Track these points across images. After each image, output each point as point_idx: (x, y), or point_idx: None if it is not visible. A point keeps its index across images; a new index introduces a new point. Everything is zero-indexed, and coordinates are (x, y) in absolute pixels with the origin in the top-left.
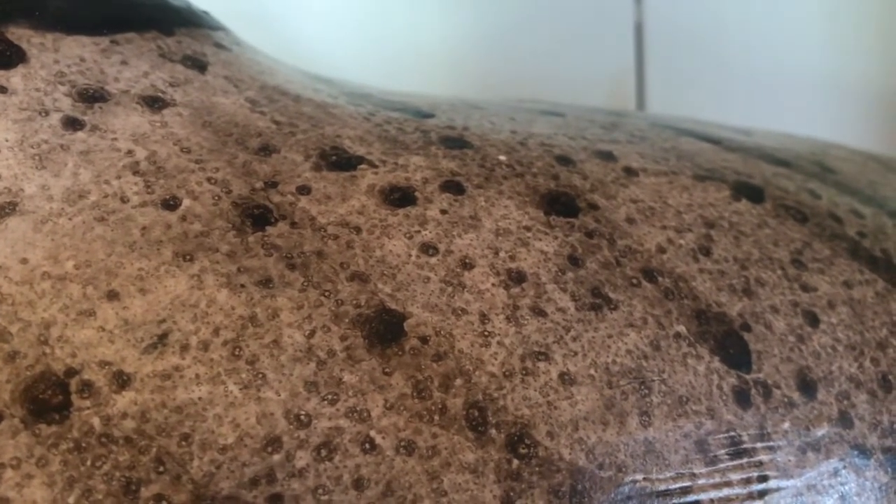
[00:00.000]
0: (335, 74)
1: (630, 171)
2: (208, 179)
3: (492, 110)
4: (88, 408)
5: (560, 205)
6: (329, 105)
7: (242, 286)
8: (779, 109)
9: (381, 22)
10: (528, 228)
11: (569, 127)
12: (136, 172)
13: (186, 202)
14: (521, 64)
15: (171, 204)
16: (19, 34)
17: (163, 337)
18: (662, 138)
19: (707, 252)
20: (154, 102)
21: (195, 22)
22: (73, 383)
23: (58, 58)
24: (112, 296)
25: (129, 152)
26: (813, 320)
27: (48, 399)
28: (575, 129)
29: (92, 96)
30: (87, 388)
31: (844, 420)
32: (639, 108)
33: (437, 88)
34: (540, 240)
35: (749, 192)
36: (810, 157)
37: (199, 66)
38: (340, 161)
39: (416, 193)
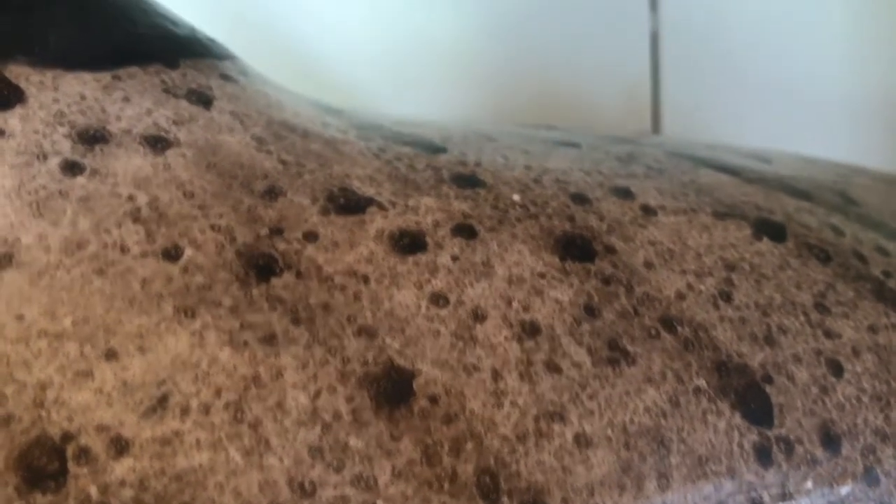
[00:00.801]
0: (349, 77)
1: (648, 210)
2: (212, 227)
3: (505, 142)
4: (85, 475)
5: (576, 248)
6: (338, 141)
7: (245, 343)
8: (797, 121)
9: (394, 27)
10: (542, 275)
11: (584, 160)
12: (136, 220)
13: (189, 252)
14: (536, 71)
15: (172, 254)
16: (18, 73)
17: (162, 399)
18: (681, 170)
19: (728, 298)
20: (157, 143)
21: (201, 52)
22: (70, 449)
23: (57, 96)
24: (111, 355)
25: (131, 198)
26: (837, 369)
27: (44, 466)
28: (590, 163)
29: (93, 137)
30: (84, 454)
31: (870, 477)
32: (654, 117)
33: (451, 98)
34: (555, 288)
35: (771, 229)
36: (832, 186)
37: (205, 101)
38: (349, 203)
39: (427, 238)
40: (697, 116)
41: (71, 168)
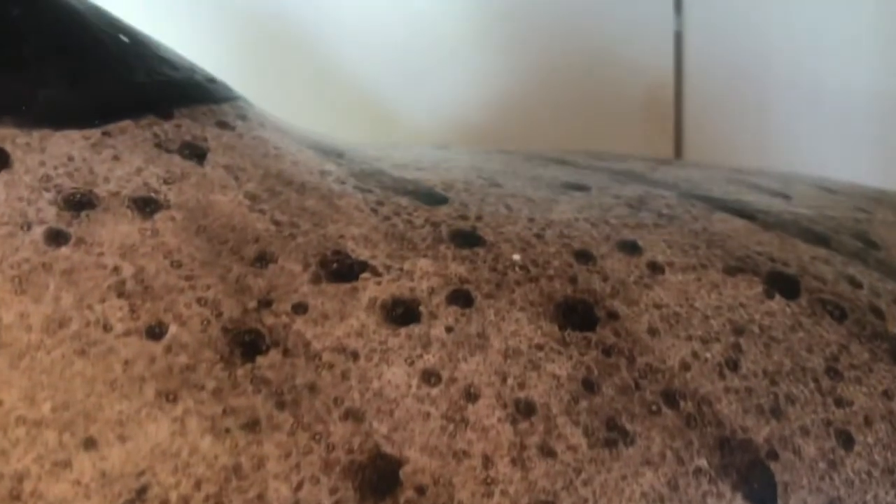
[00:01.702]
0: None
1: (655, 268)
2: (198, 300)
3: (510, 188)
4: None
5: (577, 315)
6: (335, 194)
7: (227, 431)
8: (822, 122)
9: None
10: (540, 347)
11: (591, 207)
12: (121, 294)
13: (173, 329)
14: (558, 70)
15: (156, 332)
16: (4, 135)
17: (141, 491)
18: (693, 216)
19: (735, 366)
20: (146, 205)
21: (198, 98)
22: None
23: (44, 159)
24: (90, 444)
25: (116, 269)
26: (847, 441)
27: None
28: (598, 210)
29: (79, 202)
30: None
31: None
32: (676, 117)
33: (471, 95)
34: (553, 361)
35: (783, 285)
36: (853, 227)
37: (199, 154)
38: (342, 269)
39: (421, 308)
40: (719, 116)
41: (55, 238)
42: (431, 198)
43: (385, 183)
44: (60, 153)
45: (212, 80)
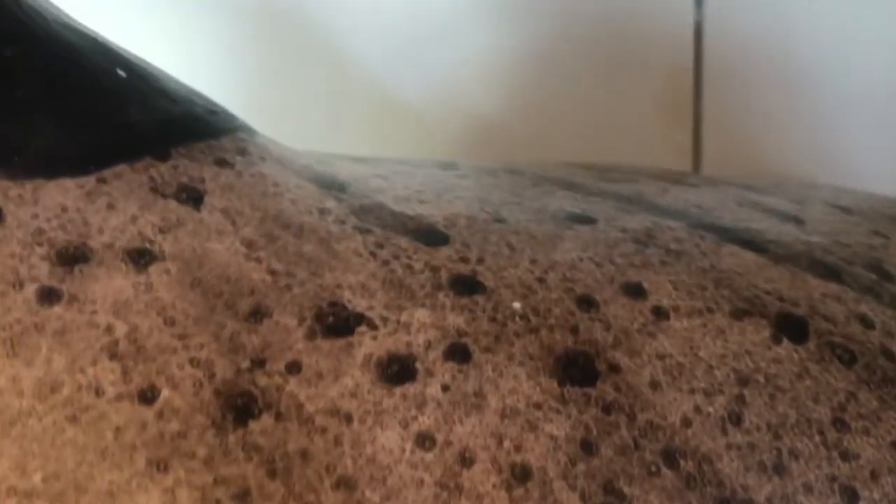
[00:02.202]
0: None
1: (660, 313)
2: (191, 361)
3: (513, 222)
4: None
5: (577, 369)
6: (333, 237)
7: (218, 502)
8: (846, 118)
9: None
10: (538, 406)
11: (597, 244)
12: (113, 356)
13: (165, 392)
14: (574, 60)
15: (148, 396)
16: None
17: None
18: (701, 251)
19: (738, 420)
20: (140, 257)
21: (196, 133)
22: None
23: (37, 211)
24: None
25: (109, 328)
26: (852, 497)
27: None
28: (604, 247)
29: (72, 256)
30: None
31: None
32: (695, 107)
33: (492, 83)
34: (551, 421)
35: (792, 327)
36: (867, 256)
37: (195, 198)
38: (338, 322)
39: (417, 364)
40: (739, 107)
41: (48, 296)
42: (432, 237)
43: (385, 221)
44: (54, 204)
45: (212, 112)
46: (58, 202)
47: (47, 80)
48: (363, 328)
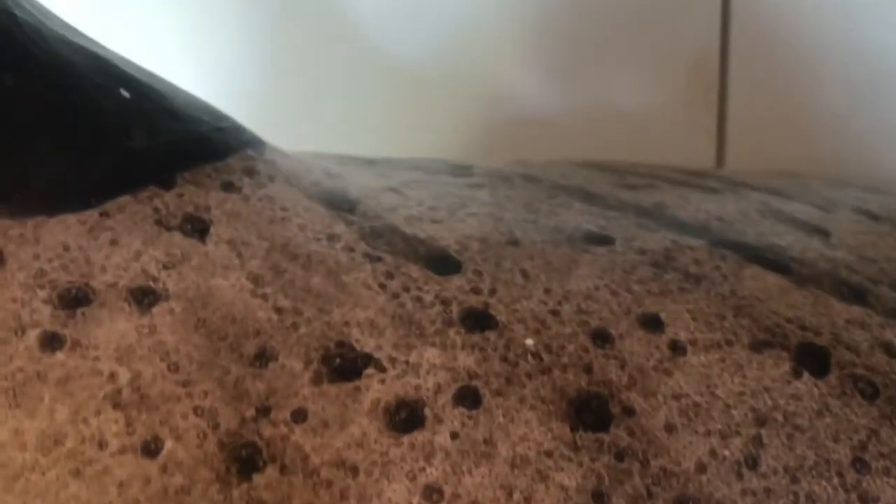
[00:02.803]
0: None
1: (677, 348)
2: (195, 410)
3: (528, 244)
4: None
5: (590, 413)
6: (343, 268)
7: None
8: (878, 98)
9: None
10: (549, 454)
11: (614, 269)
12: (116, 405)
13: (169, 444)
14: (599, 41)
15: (152, 448)
16: None
17: None
18: (722, 274)
19: (754, 464)
20: (144, 297)
21: (203, 155)
22: None
23: (38, 251)
24: None
25: (112, 376)
26: None
27: None
28: (621, 273)
29: (75, 298)
30: None
31: None
32: (721, 87)
33: (516, 60)
34: (562, 469)
35: (813, 359)
36: (893, 273)
37: (201, 229)
38: (345, 365)
39: (426, 410)
40: (766, 88)
41: (50, 342)
42: (444, 264)
43: (396, 246)
44: (55, 243)
45: (219, 128)
46: (59, 240)
47: (48, 109)
48: (371, 370)
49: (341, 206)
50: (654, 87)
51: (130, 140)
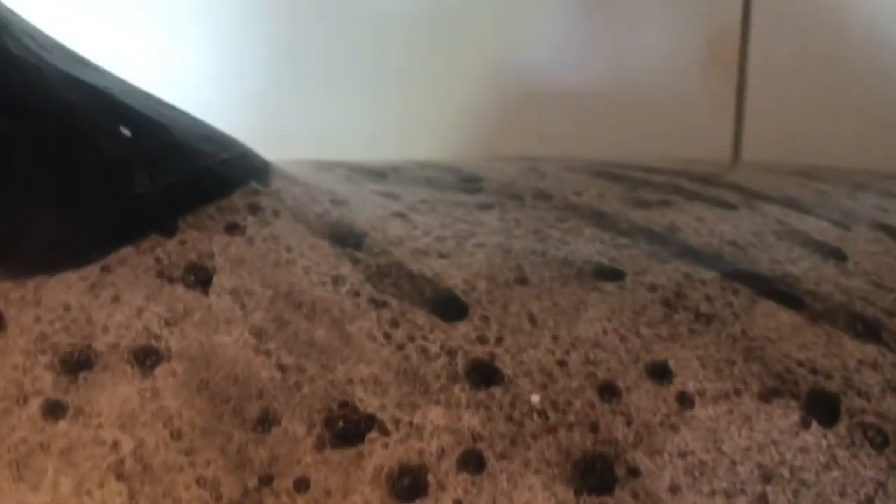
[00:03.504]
0: None
1: (685, 400)
2: (198, 480)
3: (536, 283)
4: None
5: (595, 475)
6: (347, 316)
7: None
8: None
9: None
10: None
11: (624, 310)
12: (120, 476)
13: None
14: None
15: None
16: None
17: None
18: (733, 311)
19: None
20: (146, 357)
21: (206, 194)
22: None
23: (39, 313)
24: None
25: (115, 445)
26: None
27: None
28: (631, 315)
29: (76, 362)
30: None
31: None
32: (740, 64)
33: (533, 30)
34: None
35: (823, 407)
36: None
37: (204, 280)
38: (348, 428)
39: (429, 476)
40: (786, 63)
41: (53, 410)
42: (451, 308)
43: (402, 287)
44: (57, 303)
45: (224, 161)
46: (61, 300)
47: (48, 158)
48: (374, 433)
49: (347, 241)
50: (673, 59)
51: (132, 185)
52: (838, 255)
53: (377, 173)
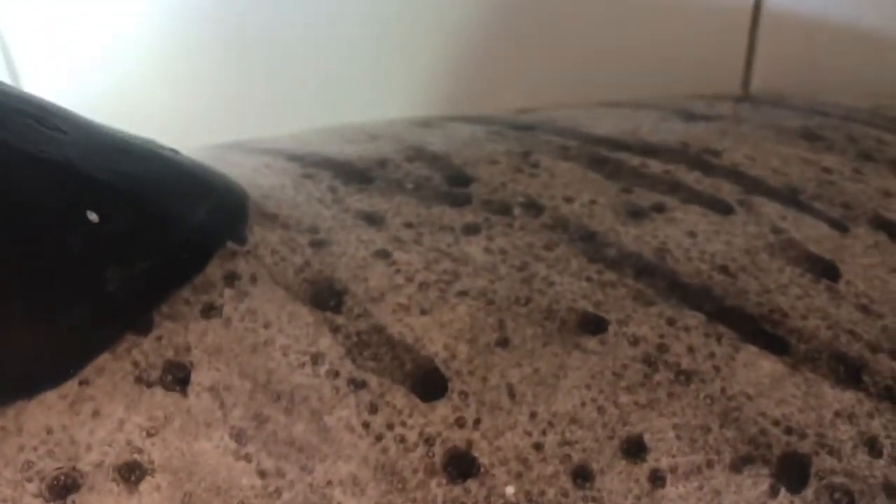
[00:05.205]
0: None
1: (657, 478)
2: None
3: (518, 344)
4: None
5: None
6: (326, 405)
7: None
8: None
9: None
10: None
11: (604, 373)
12: None
13: None
14: None
15: None
16: None
17: None
18: (714, 365)
19: None
20: (131, 473)
21: (181, 273)
22: None
23: (23, 441)
24: None
25: None
26: None
27: None
28: (610, 378)
29: (63, 487)
30: None
31: None
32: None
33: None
34: None
35: (792, 472)
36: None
37: (182, 378)
38: None
39: None
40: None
41: None
42: (430, 385)
43: (382, 361)
44: (38, 428)
45: (198, 224)
46: (42, 424)
47: (15, 265)
48: None
49: (327, 303)
50: (686, 17)
51: (103, 284)
52: (831, 274)
53: (362, 176)
